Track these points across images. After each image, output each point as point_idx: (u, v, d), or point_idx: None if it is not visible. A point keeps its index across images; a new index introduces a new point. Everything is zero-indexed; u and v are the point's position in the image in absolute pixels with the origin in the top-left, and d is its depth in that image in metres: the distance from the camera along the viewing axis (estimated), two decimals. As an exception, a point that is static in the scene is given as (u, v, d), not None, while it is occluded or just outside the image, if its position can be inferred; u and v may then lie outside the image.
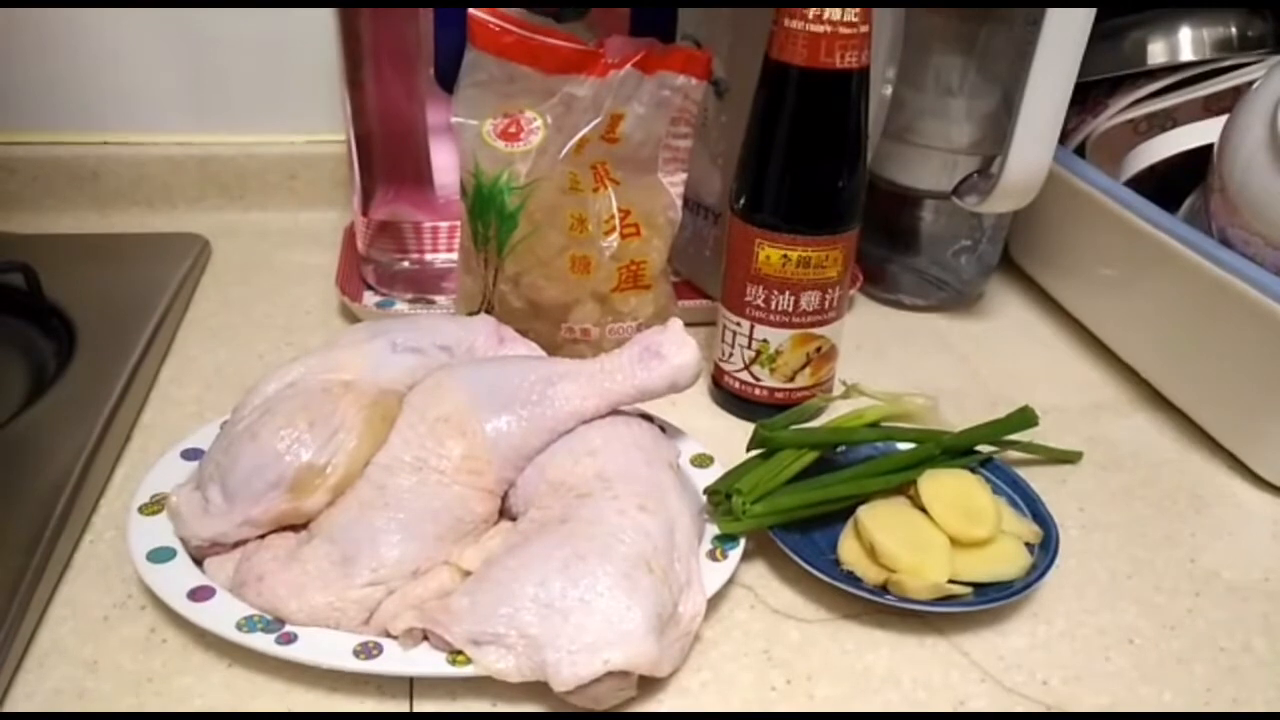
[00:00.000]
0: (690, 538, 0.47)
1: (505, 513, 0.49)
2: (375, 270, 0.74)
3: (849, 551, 0.49)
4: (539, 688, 0.41)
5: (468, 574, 0.45)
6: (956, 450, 0.55)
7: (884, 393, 0.60)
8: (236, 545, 0.46)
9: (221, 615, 0.43)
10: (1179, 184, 0.70)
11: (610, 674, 0.40)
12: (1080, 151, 0.74)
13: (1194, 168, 0.70)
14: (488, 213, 0.59)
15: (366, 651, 0.42)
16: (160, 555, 0.46)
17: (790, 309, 0.58)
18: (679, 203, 0.63)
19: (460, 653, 0.41)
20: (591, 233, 0.60)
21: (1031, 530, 0.51)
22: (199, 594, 0.44)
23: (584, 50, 0.58)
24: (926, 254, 0.79)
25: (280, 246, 0.82)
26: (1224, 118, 0.67)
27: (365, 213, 0.73)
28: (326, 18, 0.80)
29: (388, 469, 0.47)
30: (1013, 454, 0.59)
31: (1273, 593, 0.51)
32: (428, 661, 0.41)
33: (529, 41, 0.57)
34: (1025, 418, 0.57)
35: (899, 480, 0.52)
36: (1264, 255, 0.56)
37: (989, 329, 0.76)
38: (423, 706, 0.42)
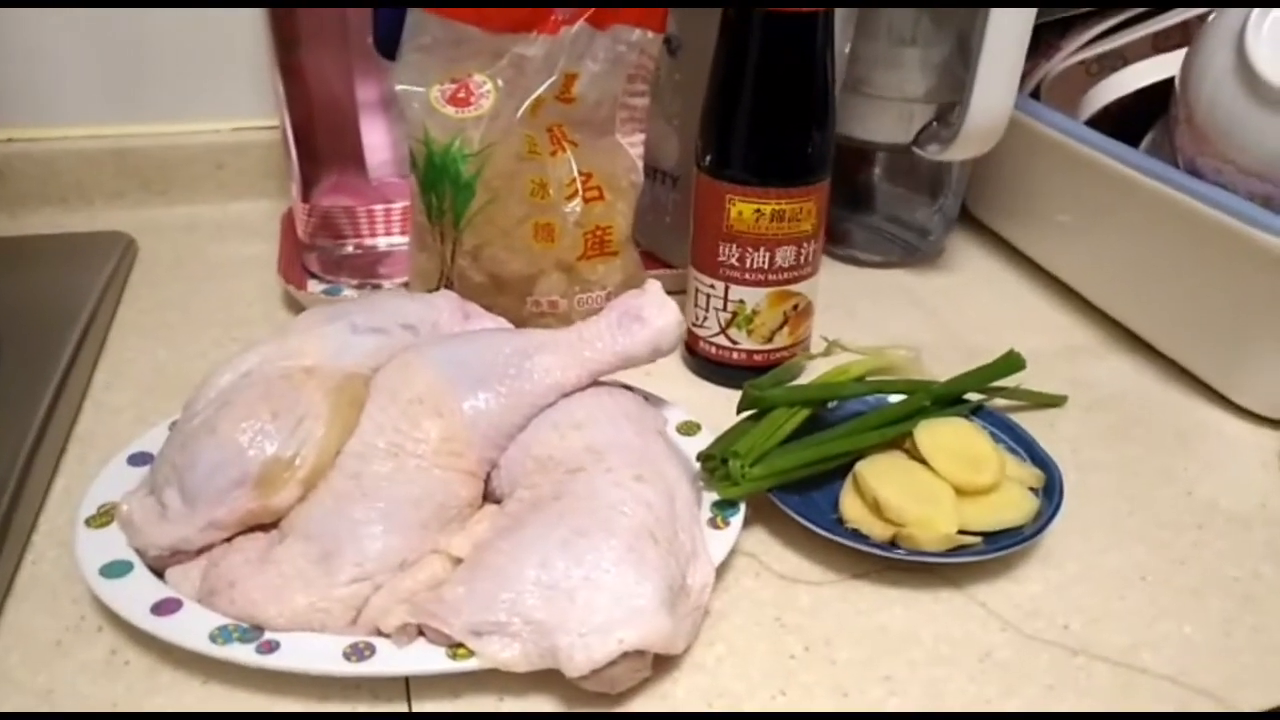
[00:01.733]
0: (691, 506, 0.44)
1: (489, 496, 0.46)
2: (319, 258, 0.70)
3: (851, 509, 0.47)
4: (547, 677, 0.38)
5: (459, 562, 0.41)
6: (946, 399, 0.53)
7: (865, 347, 0.58)
8: (201, 552, 0.42)
9: (192, 628, 0.39)
10: (1132, 126, 0.70)
11: (626, 654, 0.37)
12: (1035, 96, 0.73)
13: (1146, 108, 0.70)
14: (441, 183, 0.56)
15: (357, 653, 0.38)
16: (115, 570, 0.41)
17: (766, 266, 0.56)
18: (640, 164, 0.60)
19: (460, 646, 0.38)
20: (553, 198, 0.57)
21: (1033, 474, 0.49)
22: (164, 607, 0.40)
23: (533, 7, 0.55)
24: (885, 210, 0.78)
25: (212, 240, 0.77)
26: (1174, 54, 0.67)
27: (306, 199, 0.69)
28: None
29: (361, 457, 0.43)
30: (999, 402, 0.58)
31: (1272, 519, 0.51)
32: (425, 658, 0.38)
33: (475, -2, 0.54)
34: (1011, 362, 0.56)
35: (895, 433, 0.50)
36: (1236, 182, 0.56)
37: (955, 282, 0.75)
38: (422, 707, 0.39)
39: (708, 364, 0.60)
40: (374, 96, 0.70)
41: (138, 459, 0.48)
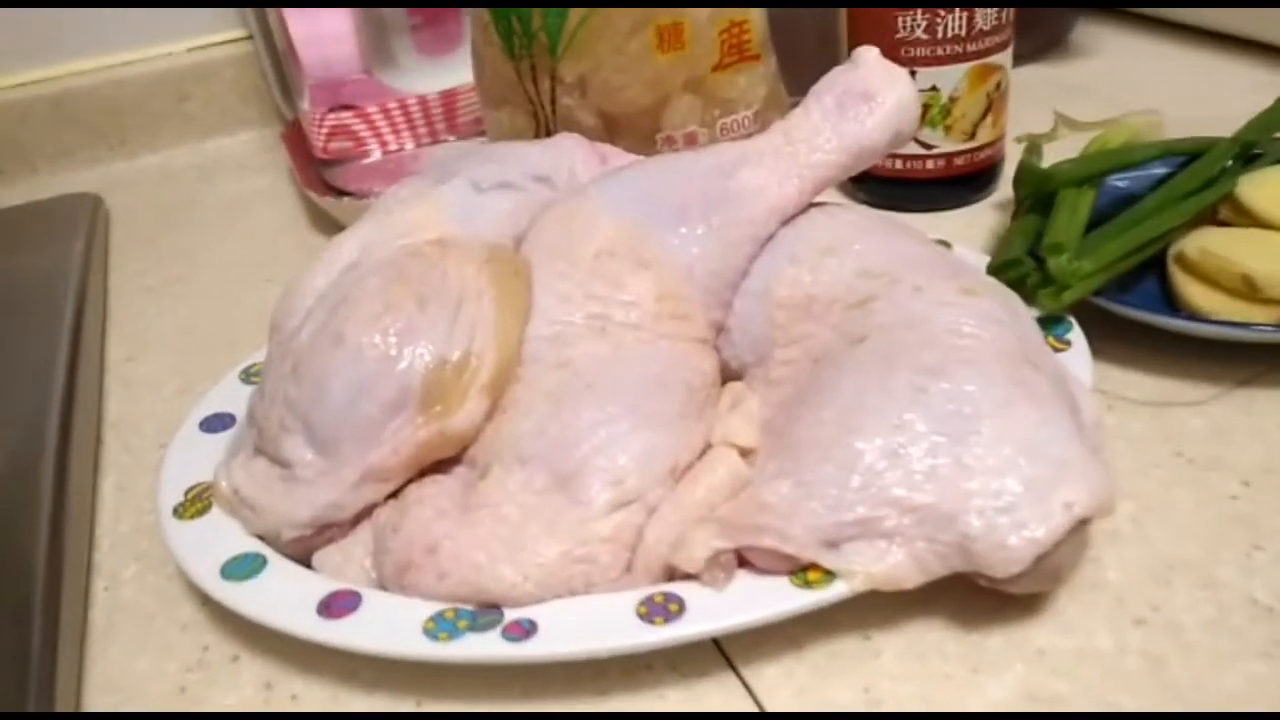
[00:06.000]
0: (1031, 320, 0.31)
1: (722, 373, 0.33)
2: (341, 172, 0.55)
3: (1206, 300, 0.35)
4: (933, 593, 0.25)
5: (748, 456, 0.28)
6: (1244, 155, 0.41)
7: (1098, 121, 0.45)
8: (359, 519, 0.29)
9: (390, 625, 0.25)
10: None
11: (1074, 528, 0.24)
12: None
13: None
14: (525, -3, 0.41)
15: (658, 611, 0.25)
16: (242, 568, 0.28)
17: (963, 32, 0.43)
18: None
19: (812, 568, 0.25)
20: (675, -12, 0.43)
21: None
22: (335, 605, 0.26)
23: None
24: None
25: (196, 187, 0.62)
26: None
27: (331, 108, 0.55)
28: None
29: (558, 340, 0.30)
30: None
31: None
32: (766, 597, 0.25)
33: None
34: (1304, 95, 0.43)
35: (1214, 196, 0.37)
36: None
37: (1110, 65, 0.62)
38: (755, 674, 0.26)
39: (892, 186, 0.47)
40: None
41: (214, 423, 0.34)
